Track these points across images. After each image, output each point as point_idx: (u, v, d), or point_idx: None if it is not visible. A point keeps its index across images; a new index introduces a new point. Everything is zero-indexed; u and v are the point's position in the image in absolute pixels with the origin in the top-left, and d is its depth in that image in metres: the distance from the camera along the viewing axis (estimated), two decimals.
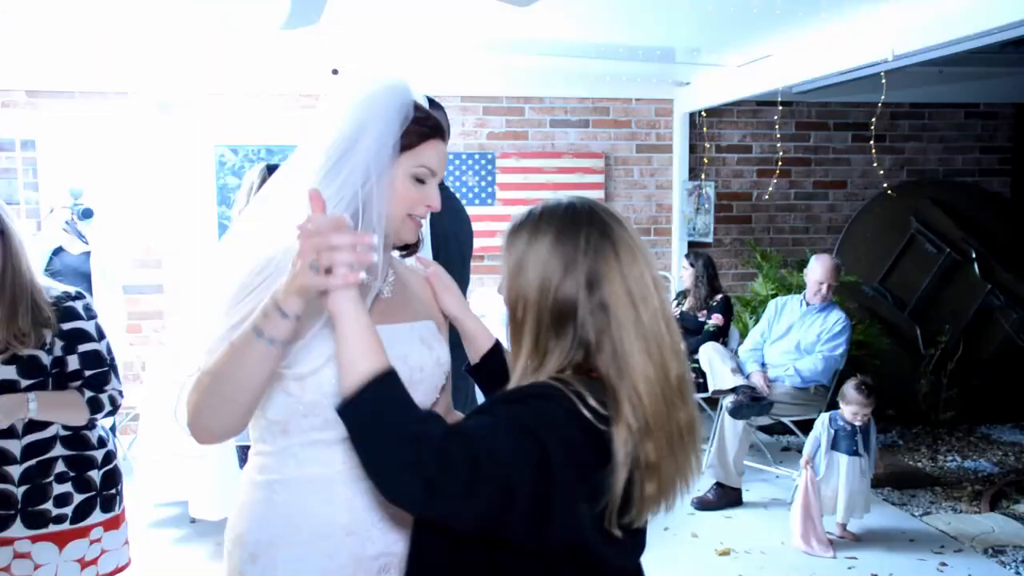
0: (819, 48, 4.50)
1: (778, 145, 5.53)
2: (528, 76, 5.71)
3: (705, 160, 6.18)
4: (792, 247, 6.25)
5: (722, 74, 5.55)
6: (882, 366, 5.38)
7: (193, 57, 5.23)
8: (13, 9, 3.94)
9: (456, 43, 4.84)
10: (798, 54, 4.70)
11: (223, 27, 4.48)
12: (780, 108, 5.12)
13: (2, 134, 5.24)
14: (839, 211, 6.34)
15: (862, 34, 4.15)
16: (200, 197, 5.62)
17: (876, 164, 5.79)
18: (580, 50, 5.01)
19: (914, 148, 6.40)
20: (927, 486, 4.63)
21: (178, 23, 4.43)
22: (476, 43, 4.83)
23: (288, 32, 4.22)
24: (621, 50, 5.08)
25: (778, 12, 4.02)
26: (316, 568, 1.34)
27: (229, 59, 5.21)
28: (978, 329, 5.97)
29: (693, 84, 5.95)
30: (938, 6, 3.62)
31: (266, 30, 4.44)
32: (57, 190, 4.54)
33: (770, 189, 5.90)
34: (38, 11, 4.03)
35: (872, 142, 5.53)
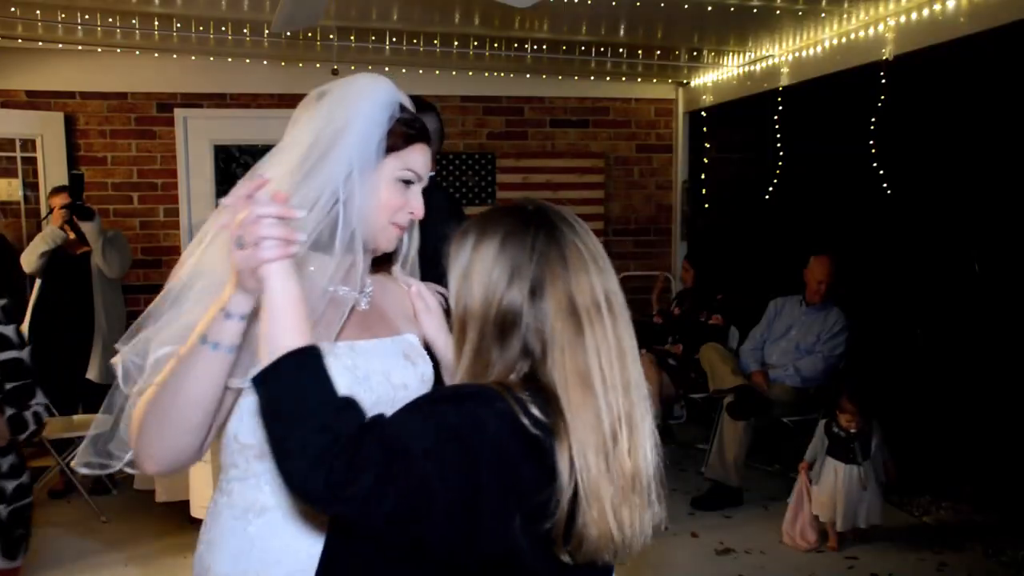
0: (819, 48, 4.50)
1: (778, 145, 5.51)
2: (528, 76, 5.72)
3: (705, 160, 6.18)
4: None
5: (722, 74, 5.56)
6: None
7: (193, 57, 5.24)
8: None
9: (456, 43, 4.84)
10: (798, 54, 4.70)
11: (223, 27, 4.49)
12: (780, 108, 5.12)
13: (2, 134, 5.24)
14: None
15: (861, 34, 4.15)
16: (200, 197, 5.62)
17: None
18: (580, 50, 5.02)
19: None
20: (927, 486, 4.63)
21: (178, 23, 4.44)
22: (476, 43, 4.83)
23: (288, 32, 4.23)
24: (621, 50, 5.08)
25: (778, 12, 4.03)
26: None
27: (229, 59, 5.22)
28: None
29: (693, 84, 5.95)
30: (938, 6, 3.62)
31: (266, 30, 4.44)
32: (57, 190, 4.50)
33: (770, 189, 5.89)
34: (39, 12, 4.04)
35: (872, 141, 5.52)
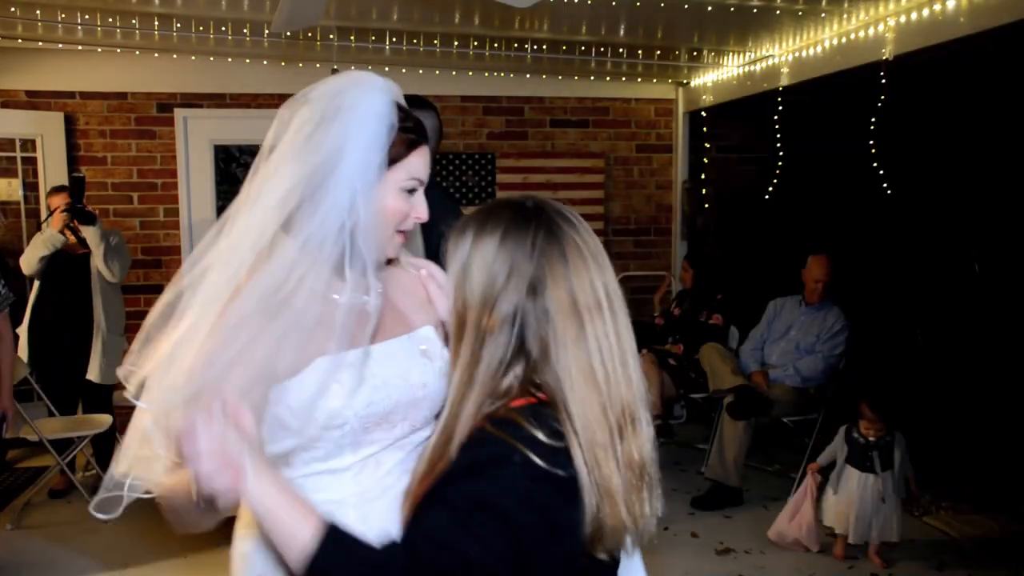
0: (819, 48, 4.50)
1: (778, 145, 5.51)
2: (528, 76, 5.72)
3: (705, 160, 6.18)
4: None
5: (722, 74, 5.56)
6: None
7: (193, 57, 5.24)
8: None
9: (456, 43, 4.84)
10: (798, 54, 4.70)
11: (223, 27, 4.49)
12: (780, 108, 5.12)
13: (2, 134, 5.24)
14: None
15: (861, 34, 4.15)
16: (200, 197, 5.62)
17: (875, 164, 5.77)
18: (580, 50, 5.01)
19: None
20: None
21: (178, 23, 4.44)
22: (476, 43, 4.83)
23: (288, 32, 4.23)
24: (621, 50, 5.08)
25: (778, 12, 4.03)
26: None
27: (229, 59, 5.21)
28: None
29: (693, 84, 5.95)
30: (938, 6, 3.62)
31: (266, 30, 4.44)
32: (56, 190, 4.49)
33: (770, 189, 5.89)
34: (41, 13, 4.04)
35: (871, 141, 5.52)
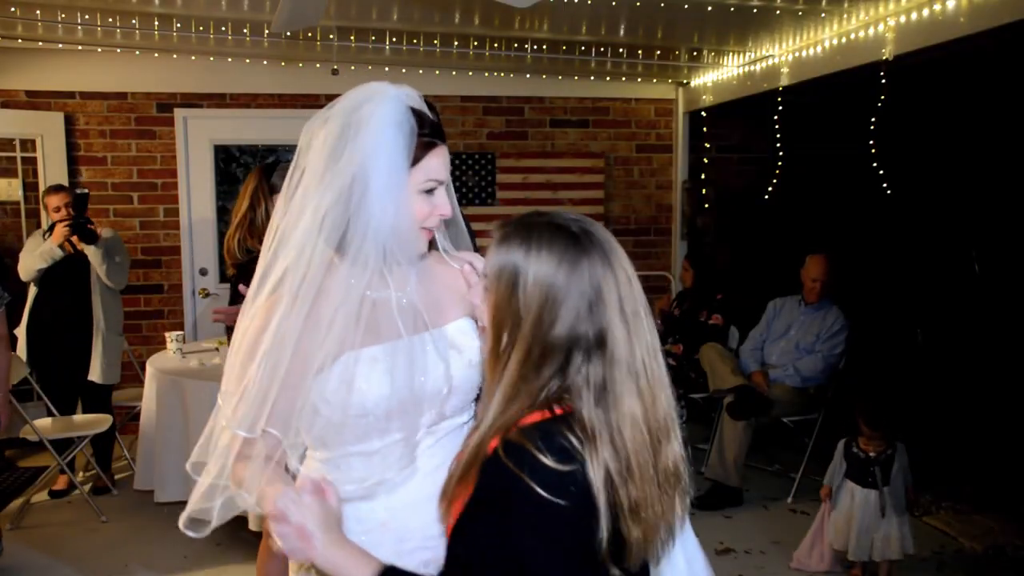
0: (819, 48, 4.50)
1: (778, 145, 5.51)
2: (528, 76, 5.72)
3: (705, 160, 6.18)
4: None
5: (722, 74, 5.56)
6: None
7: (193, 57, 5.24)
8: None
9: (456, 43, 4.84)
10: (798, 54, 4.70)
11: (223, 27, 4.48)
12: (780, 108, 5.12)
13: (2, 134, 5.24)
14: None
15: (861, 34, 4.15)
16: (200, 197, 5.62)
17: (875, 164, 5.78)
18: (580, 50, 5.01)
19: None
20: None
21: (178, 23, 4.44)
22: (476, 43, 4.83)
23: (288, 32, 4.23)
24: (621, 50, 5.08)
25: (778, 12, 4.03)
26: None
27: (229, 59, 5.21)
28: None
29: (693, 84, 5.95)
30: (938, 6, 3.62)
31: (266, 30, 4.44)
32: (53, 189, 4.48)
33: (770, 189, 5.89)
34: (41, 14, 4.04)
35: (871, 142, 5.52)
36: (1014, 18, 3.22)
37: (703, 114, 6.03)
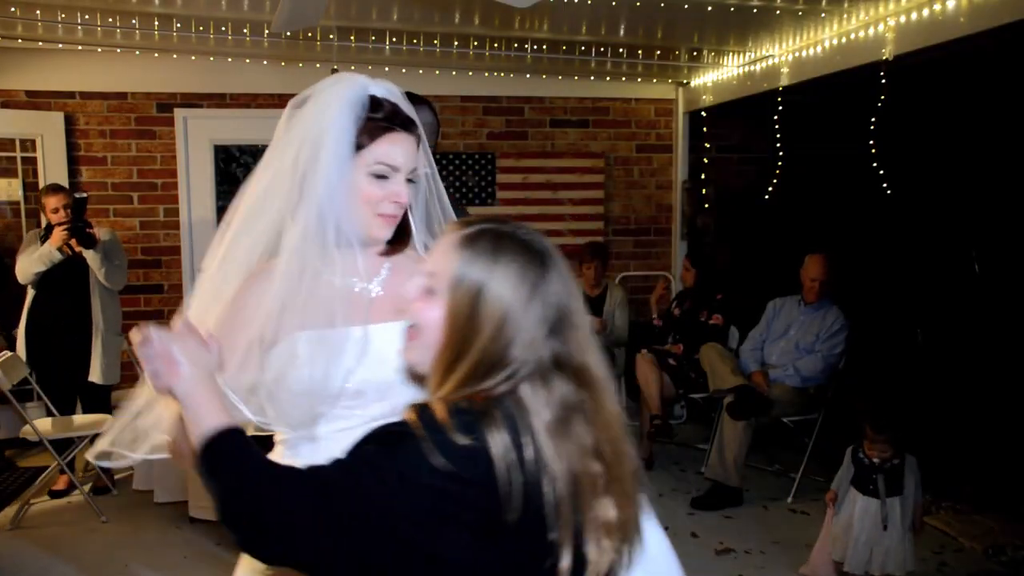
0: (819, 48, 4.50)
1: (778, 145, 5.52)
2: (528, 76, 5.72)
3: (705, 160, 6.18)
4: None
5: (722, 74, 5.56)
6: None
7: (193, 57, 5.24)
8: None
9: (456, 43, 4.84)
10: (798, 54, 4.70)
11: (223, 27, 4.49)
12: (780, 108, 5.12)
13: (2, 134, 5.24)
14: None
15: (861, 34, 4.15)
16: (200, 197, 5.62)
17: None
18: (580, 50, 5.01)
19: None
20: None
21: (178, 23, 4.44)
22: (476, 43, 4.83)
23: (288, 32, 4.23)
24: (621, 50, 5.08)
25: (778, 12, 4.03)
26: None
27: (229, 59, 5.22)
28: None
29: (693, 84, 5.95)
30: (938, 6, 3.62)
31: (266, 30, 4.44)
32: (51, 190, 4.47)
33: (770, 189, 5.90)
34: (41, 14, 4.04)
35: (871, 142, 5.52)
36: (1014, 18, 3.23)
37: (703, 114, 6.03)
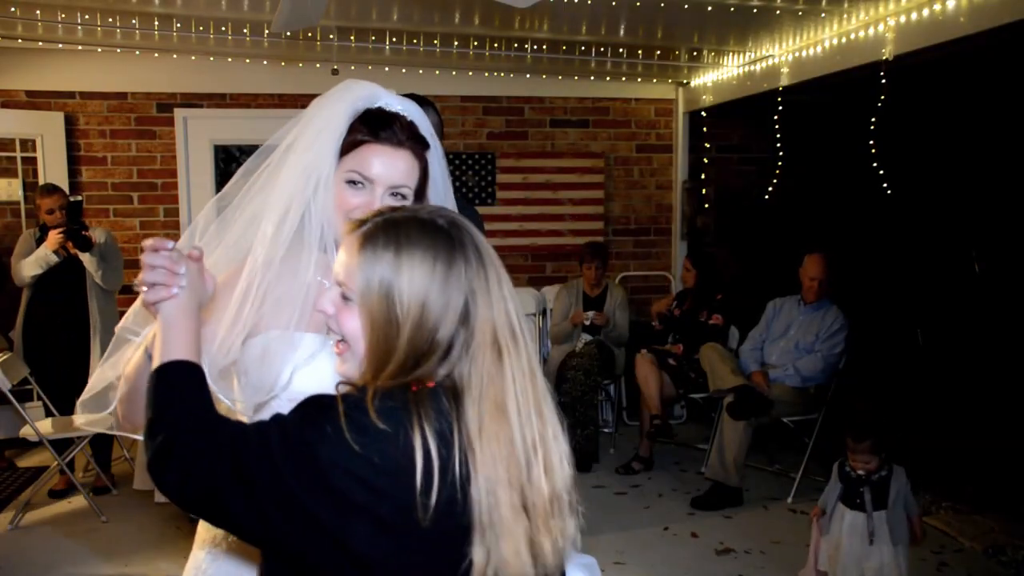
0: (819, 48, 4.50)
1: (778, 145, 5.52)
2: (528, 76, 5.72)
3: (705, 160, 6.18)
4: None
5: (722, 74, 5.56)
6: None
7: (193, 57, 5.24)
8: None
9: (456, 43, 4.84)
10: (798, 54, 4.71)
11: (223, 27, 4.49)
12: (780, 108, 5.12)
13: (2, 134, 5.24)
14: None
15: (861, 34, 4.15)
16: (200, 197, 5.62)
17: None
18: (580, 50, 5.01)
19: None
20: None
21: (178, 23, 4.44)
22: (476, 43, 4.83)
23: (288, 32, 4.23)
24: (621, 50, 5.09)
25: (778, 12, 4.03)
26: None
27: (229, 59, 5.21)
28: None
29: (693, 84, 5.95)
30: (938, 6, 3.62)
31: (266, 30, 4.44)
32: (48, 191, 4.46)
33: (770, 189, 5.90)
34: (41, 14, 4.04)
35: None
36: (1014, 18, 3.23)
37: (703, 114, 6.03)
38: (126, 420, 1.33)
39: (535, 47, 4.90)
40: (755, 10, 4.00)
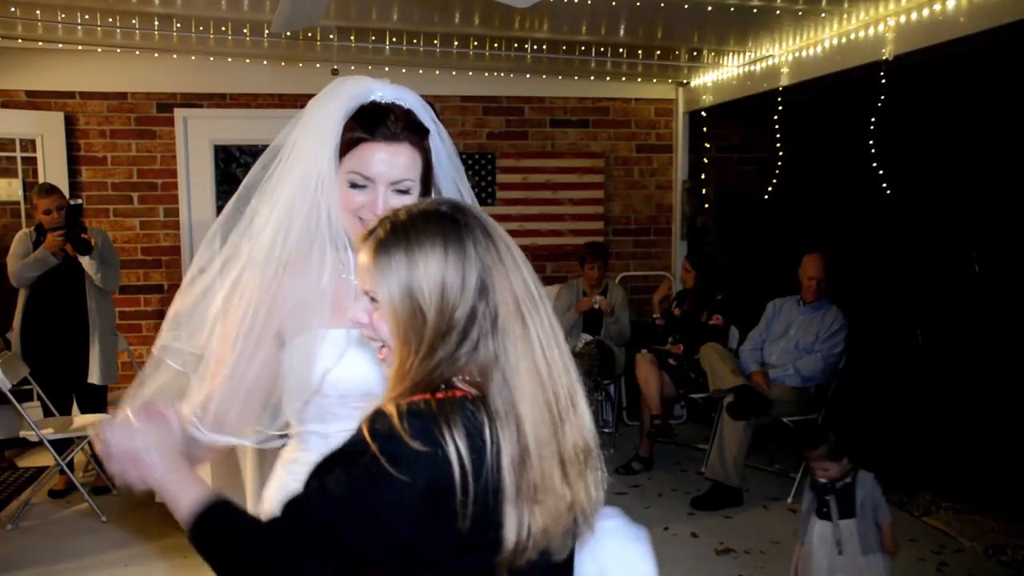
0: (819, 48, 4.50)
1: (778, 145, 5.52)
2: (528, 76, 5.72)
3: (705, 160, 6.18)
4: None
5: (722, 74, 5.56)
6: None
7: (193, 57, 5.24)
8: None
9: (456, 43, 4.84)
10: (798, 54, 4.70)
11: (223, 27, 4.49)
12: (780, 108, 5.12)
13: (2, 134, 5.24)
14: None
15: (861, 34, 4.15)
16: (200, 197, 5.62)
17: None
18: (580, 50, 5.01)
19: None
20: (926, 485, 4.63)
21: (178, 23, 4.44)
22: (476, 43, 4.83)
23: (288, 32, 4.23)
24: (621, 50, 5.09)
25: (778, 12, 4.03)
26: None
27: (229, 59, 5.21)
28: None
29: (693, 84, 5.95)
30: (938, 6, 3.62)
31: (266, 30, 4.44)
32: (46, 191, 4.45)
33: (770, 189, 5.90)
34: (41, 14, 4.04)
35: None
36: (1014, 18, 3.23)
37: (703, 114, 6.03)
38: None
39: (535, 47, 4.90)
40: (755, 10, 4.00)
